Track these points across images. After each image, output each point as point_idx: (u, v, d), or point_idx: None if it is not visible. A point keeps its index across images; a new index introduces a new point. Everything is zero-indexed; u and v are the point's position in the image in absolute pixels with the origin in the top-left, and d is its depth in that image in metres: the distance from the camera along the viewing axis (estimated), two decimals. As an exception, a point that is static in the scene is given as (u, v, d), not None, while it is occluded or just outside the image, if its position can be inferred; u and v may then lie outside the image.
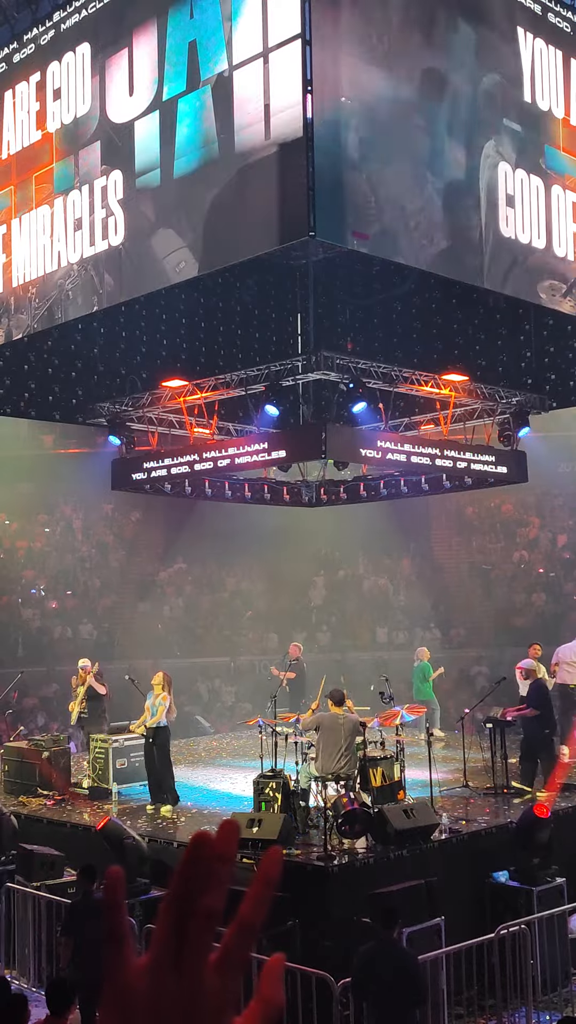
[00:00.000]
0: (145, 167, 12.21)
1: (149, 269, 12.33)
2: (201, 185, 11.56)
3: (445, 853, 11.20)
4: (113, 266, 12.72)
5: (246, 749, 17.49)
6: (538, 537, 27.43)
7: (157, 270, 12.20)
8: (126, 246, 12.51)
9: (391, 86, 11.30)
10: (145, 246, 12.31)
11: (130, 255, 12.52)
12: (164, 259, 12.02)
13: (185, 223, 11.75)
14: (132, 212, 12.40)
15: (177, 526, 27.18)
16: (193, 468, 15.15)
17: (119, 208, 12.52)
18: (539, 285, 13.17)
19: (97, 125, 12.94)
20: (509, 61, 12.87)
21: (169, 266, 12.00)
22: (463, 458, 15.21)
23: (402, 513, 24.47)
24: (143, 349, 17.03)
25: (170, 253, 11.92)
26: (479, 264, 12.31)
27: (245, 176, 10.97)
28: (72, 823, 12.92)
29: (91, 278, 12.99)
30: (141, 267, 12.45)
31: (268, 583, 27.42)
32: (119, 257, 12.63)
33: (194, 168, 11.58)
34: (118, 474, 16.34)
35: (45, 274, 13.69)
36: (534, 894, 10.73)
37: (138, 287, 12.90)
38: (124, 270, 12.63)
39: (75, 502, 28.91)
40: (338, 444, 13.97)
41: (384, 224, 11.20)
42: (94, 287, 12.99)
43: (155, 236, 12.16)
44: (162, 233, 12.04)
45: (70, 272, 13.29)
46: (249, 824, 10.82)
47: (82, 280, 13.13)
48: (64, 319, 13.68)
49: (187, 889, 0.87)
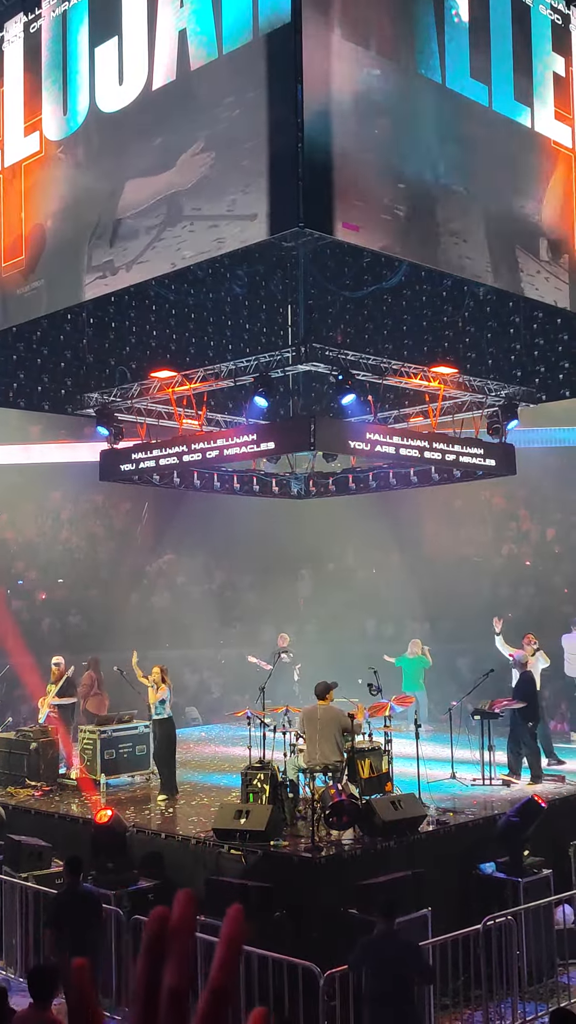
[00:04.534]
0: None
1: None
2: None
3: (432, 845, 11.24)
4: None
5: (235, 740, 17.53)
6: (527, 530, 27.47)
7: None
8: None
9: (384, 76, 11.27)
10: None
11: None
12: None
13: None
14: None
15: (166, 518, 27.14)
16: (182, 459, 15.11)
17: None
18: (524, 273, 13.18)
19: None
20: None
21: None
22: (452, 451, 15.22)
23: (391, 506, 24.47)
24: (132, 340, 16.98)
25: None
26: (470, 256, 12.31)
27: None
28: (60, 814, 12.93)
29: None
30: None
31: (257, 575, 27.41)
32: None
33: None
34: (106, 465, 16.30)
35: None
36: (520, 886, 10.78)
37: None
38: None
39: (64, 493, 28.82)
40: (327, 436, 13.96)
41: (374, 215, 11.18)
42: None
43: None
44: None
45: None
46: (237, 815, 10.85)
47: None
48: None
49: (151, 969, 0.89)
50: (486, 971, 9.67)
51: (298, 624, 24.99)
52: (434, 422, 15.64)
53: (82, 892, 9.18)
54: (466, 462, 15.48)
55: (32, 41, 13.90)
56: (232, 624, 26.40)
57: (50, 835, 12.20)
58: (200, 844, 11.03)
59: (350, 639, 23.84)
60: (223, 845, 10.78)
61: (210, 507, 24.31)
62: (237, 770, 12.77)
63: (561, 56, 13.83)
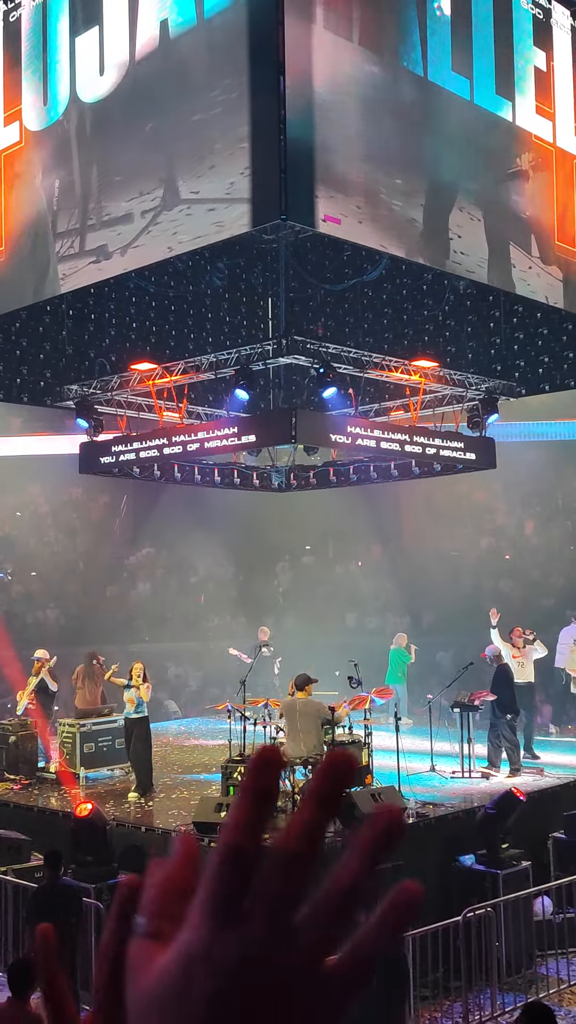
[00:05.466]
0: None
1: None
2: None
3: (412, 837, 11.26)
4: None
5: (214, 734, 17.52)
6: (504, 524, 27.58)
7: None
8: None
9: (366, 68, 11.25)
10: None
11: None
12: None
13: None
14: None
15: (146, 510, 27.07)
16: (162, 452, 15.07)
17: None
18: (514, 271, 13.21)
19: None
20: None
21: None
22: (432, 444, 15.24)
23: (371, 499, 24.50)
24: (112, 332, 16.89)
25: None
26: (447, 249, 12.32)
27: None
28: (39, 807, 12.88)
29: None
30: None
31: (237, 568, 27.39)
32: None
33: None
34: (86, 457, 16.22)
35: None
36: (500, 878, 10.82)
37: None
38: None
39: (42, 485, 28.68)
40: (308, 429, 13.96)
41: (355, 207, 11.16)
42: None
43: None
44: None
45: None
46: (217, 808, 10.84)
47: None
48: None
49: (119, 936, 0.71)
50: (465, 962, 9.71)
51: (277, 617, 24.98)
52: (415, 416, 15.66)
53: (62, 886, 9.15)
54: (447, 456, 15.51)
55: (11, 30, 13.78)
56: (211, 617, 26.37)
57: (29, 828, 12.15)
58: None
59: (330, 632, 23.86)
60: (203, 838, 10.76)
61: (190, 500, 24.25)
62: (217, 764, 12.75)
63: (542, 51, 13.85)
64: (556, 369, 16.12)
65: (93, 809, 11.14)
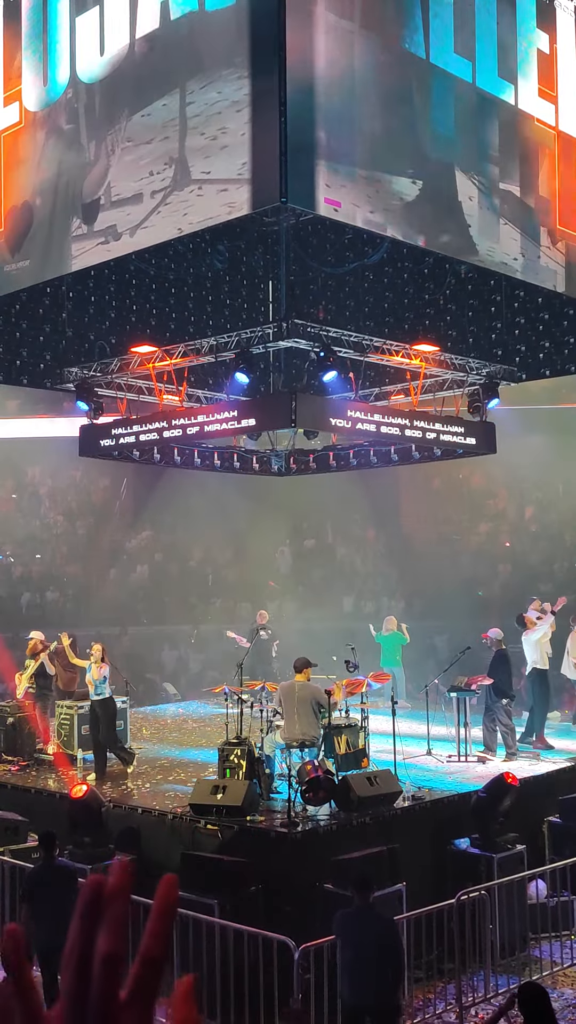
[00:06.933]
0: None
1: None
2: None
3: (408, 820, 11.31)
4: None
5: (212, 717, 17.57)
6: (505, 509, 27.58)
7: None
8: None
9: (368, 49, 11.18)
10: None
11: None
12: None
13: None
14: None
15: (146, 494, 27.07)
16: (162, 435, 15.05)
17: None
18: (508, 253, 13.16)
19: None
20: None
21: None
22: (432, 429, 15.21)
23: (371, 483, 24.50)
24: (112, 314, 16.84)
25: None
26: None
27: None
28: (36, 789, 12.93)
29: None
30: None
31: (236, 552, 27.41)
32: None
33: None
34: (86, 440, 16.20)
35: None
36: (494, 861, 10.88)
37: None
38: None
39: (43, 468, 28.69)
40: (308, 413, 13.92)
41: (356, 190, 11.11)
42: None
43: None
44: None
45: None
46: (214, 791, 10.89)
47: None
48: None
49: (86, 934, 0.88)
50: (459, 945, 9.76)
51: (276, 600, 25.03)
52: (415, 400, 15.63)
53: (57, 867, 9.20)
54: (447, 440, 15.48)
55: (11, 10, 13.69)
56: (211, 600, 26.41)
57: (26, 810, 12.20)
58: (177, 819, 11.06)
59: (328, 616, 23.90)
60: (200, 820, 10.81)
61: (189, 483, 24.25)
62: (214, 746, 12.80)
63: (545, 33, 13.75)
64: (557, 354, 16.08)
65: (89, 791, 11.19)
